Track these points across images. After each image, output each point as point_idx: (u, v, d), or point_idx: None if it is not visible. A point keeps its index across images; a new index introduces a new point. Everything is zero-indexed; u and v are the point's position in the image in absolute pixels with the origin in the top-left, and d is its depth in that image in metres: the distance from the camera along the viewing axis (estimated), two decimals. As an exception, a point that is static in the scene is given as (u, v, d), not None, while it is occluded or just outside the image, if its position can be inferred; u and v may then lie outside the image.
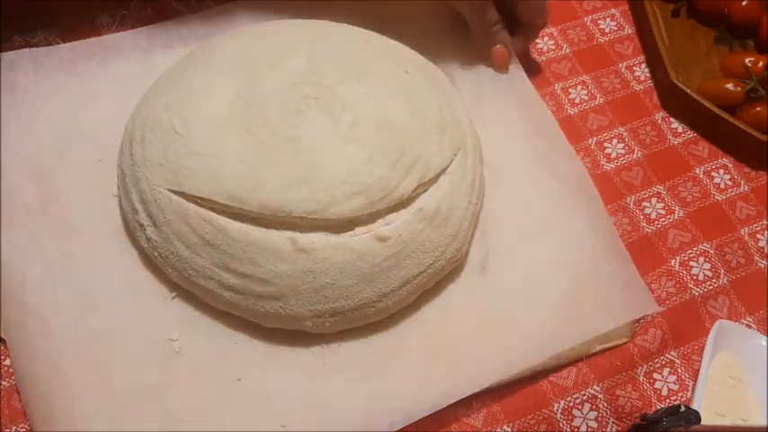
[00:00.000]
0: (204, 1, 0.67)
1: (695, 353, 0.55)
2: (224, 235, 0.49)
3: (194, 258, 0.50)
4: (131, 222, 0.53)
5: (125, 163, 0.54)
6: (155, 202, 0.51)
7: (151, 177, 0.51)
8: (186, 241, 0.50)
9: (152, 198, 0.51)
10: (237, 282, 0.49)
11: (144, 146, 0.53)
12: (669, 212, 0.61)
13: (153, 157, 0.52)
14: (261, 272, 0.49)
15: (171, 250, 0.51)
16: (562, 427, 0.52)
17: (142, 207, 0.52)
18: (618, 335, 0.54)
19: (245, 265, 0.49)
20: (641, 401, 0.53)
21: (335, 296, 0.49)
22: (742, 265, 0.59)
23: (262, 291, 0.49)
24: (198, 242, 0.50)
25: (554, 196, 0.58)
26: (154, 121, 0.53)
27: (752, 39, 0.72)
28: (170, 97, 0.54)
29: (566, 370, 0.53)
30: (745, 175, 0.64)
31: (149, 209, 0.51)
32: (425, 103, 0.56)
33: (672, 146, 0.65)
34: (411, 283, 0.51)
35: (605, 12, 0.73)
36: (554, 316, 0.53)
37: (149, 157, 0.52)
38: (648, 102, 0.68)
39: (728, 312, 0.57)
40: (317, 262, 0.49)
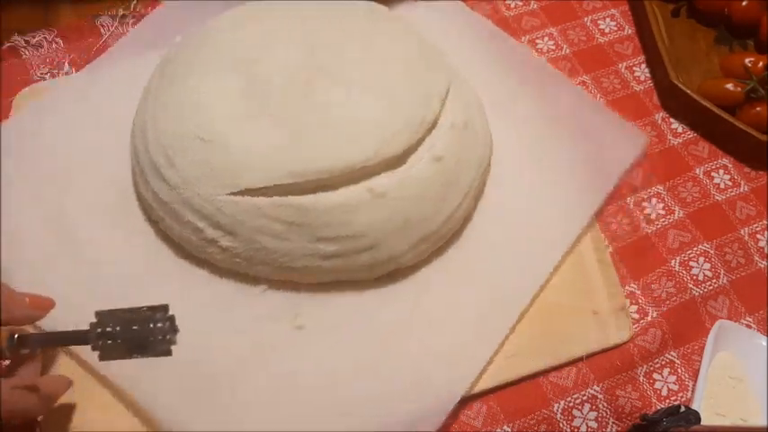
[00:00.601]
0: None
1: (695, 353, 0.55)
2: (305, 210, 0.50)
3: (284, 245, 0.51)
4: (195, 243, 0.53)
5: (160, 191, 0.53)
6: (219, 211, 0.51)
7: (202, 191, 0.51)
8: (270, 232, 0.51)
9: (214, 209, 0.51)
10: (334, 247, 0.51)
11: (175, 166, 0.52)
12: (669, 212, 0.61)
13: (192, 172, 0.51)
14: (352, 229, 0.51)
15: (255, 248, 0.51)
16: (562, 427, 0.52)
17: (206, 223, 0.51)
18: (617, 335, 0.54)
19: (337, 228, 0.51)
20: (641, 402, 0.53)
21: (420, 224, 0.53)
22: (742, 266, 0.60)
23: (358, 245, 0.52)
24: (283, 228, 0.51)
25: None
26: (174, 138, 0.52)
27: (752, 39, 0.72)
28: (178, 109, 0.53)
29: (566, 370, 0.53)
30: (745, 175, 0.64)
31: (216, 220, 0.51)
32: (413, 54, 0.58)
33: (672, 146, 0.65)
34: (469, 193, 0.56)
35: (605, 12, 0.73)
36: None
37: (189, 174, 0.51)
38: (648, 102, 0.68)
39: (728, 312, 0.57)
40: (395, 200, 0.52)
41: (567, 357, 0.53)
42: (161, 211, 0.53)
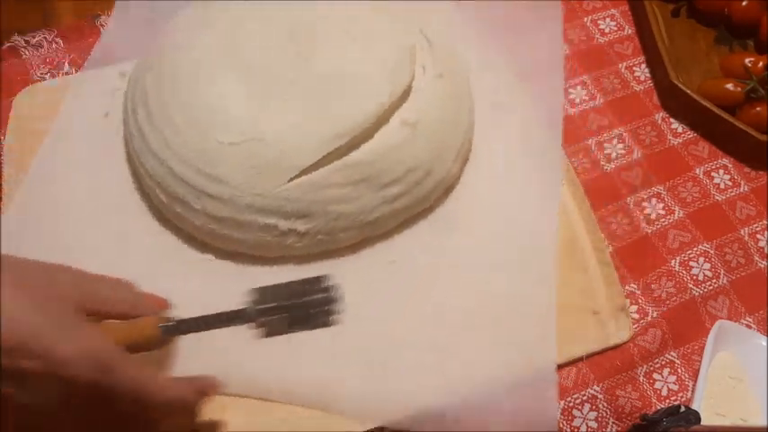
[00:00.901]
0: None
1: (695, 353, 0.55)
2: (364, 165, 0.53)
3: (356, 204, 0.53)
4: (271, 241, 0.53)
5: (213, 210, 0.52)
6: (287, 201, 0.52)
7: (261, 190, 0.51)
8: (341, 198, 0.52)
9: (281, 201, 0.52)
10: (397, 188, 0.54)
11: (222, 180, 0.52)
12: (669, 213, 0.61)
13: (242, 178, 0.51)
14: (407, 164, 0.54)
15: (333, 218, 0.53)
16: (562, 427, 0.52)
17: (276, 218, 0.52)
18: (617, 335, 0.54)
19: (395, 168, 0.54)
20: (641, 402, 0.53)
21: (450, 139, 0.58)
22: (742, 266, 0.60)
23: (417, 177, 0.55)
24: (351, 189, 0.52)
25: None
26: (205, 154, 0.52)
27: (752, 39, 0.72)
28: (192, 126, 0.53)
29: (566, 370, 0.53)
30: (745, 175, 0.64)
31: (285, 211, 0.52)
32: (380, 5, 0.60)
33: (672, 146, 0.65)
34: (467, 105, 0.60)
35: (605, 12, 0.73)
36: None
37: (239, 181, 0.51)
38: (648, 102, 0.68)
39: (728, 312, 0.57)
40: (425, 124, 0.55)
41: (567, 357, 0.53)
42: (221, 228, 0.53)
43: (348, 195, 0.53)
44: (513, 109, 0.64)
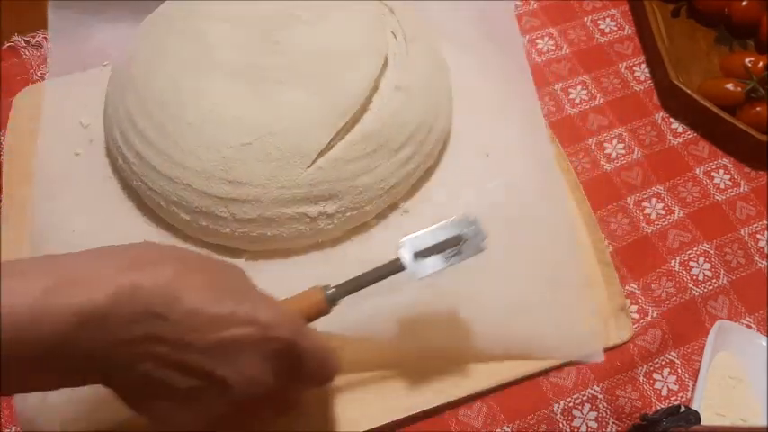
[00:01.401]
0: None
1: (695, 353, 0.55)
2: (374, 134, 0.54)
3: (377, 173, 0.54)
4: (305, 230, 0.53)
5: (246, 213, 0.52)
6: (311, 187, 0.52)
7: (285, 182, 0.51)
8: (362, 170, 0.53)
9: (306, 189, 0.52)
10: (410, 148, 0.55)
11: (245, 182, 0.51)
12: (669, 213, 0.61)
13: (264, 174, 0.51)
14: (412, 125, 0.56)
15: (359, 191, 0.53)
16: (562, 428, 0.52)
17: (305, 206, 0.52)
18: (617, 335, 0.54)
19: (404, 132, 0.55)
20: (641, 402, 0.53)
21: (444, 95, 0.60)
22: (742, 266, 0.60)
23: (423, 135, 0.56)
24: (369, 160, 0.53)
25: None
26: (221, 163, 0.51)
27: (752, 39, 0.72)
28: (197, 137, 0.52)
29: (566, 370, 0.53)
30: (745, 175, 0.64)
31: (313, 195, 0.52)
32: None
33: (672, 146, 0.65)
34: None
35: (605, 12, 0.73)
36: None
37: (263, 179, 0.51)
38: (648, 102, 0.68)
39: (728, 312, 0.57)
40: (418, 86, 0.57)
41: (567, 358, 0.53)
42: (253, 230, 0.53)
43: (367, 167, 0.53)
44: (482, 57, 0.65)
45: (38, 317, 0.32)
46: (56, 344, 0.33)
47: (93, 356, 0.34)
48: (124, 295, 0.34)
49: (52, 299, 0.33)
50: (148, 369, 0.35)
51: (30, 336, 0.32)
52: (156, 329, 0.34)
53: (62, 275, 0.34)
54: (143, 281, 0.34)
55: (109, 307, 0.33)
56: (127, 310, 0.34)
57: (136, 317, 0.34)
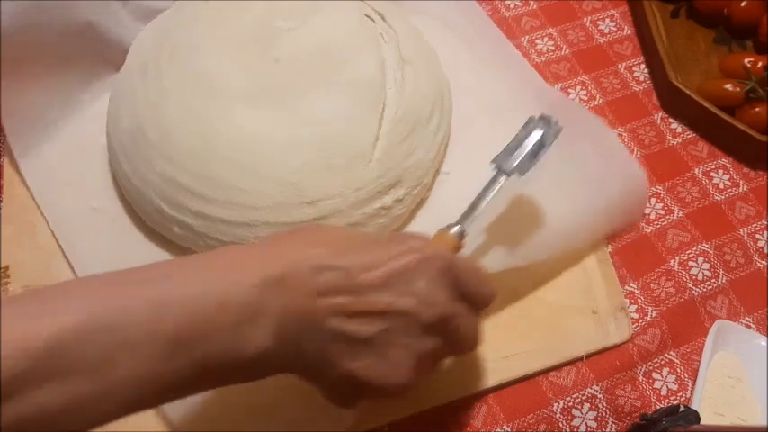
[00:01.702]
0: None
1: (694, 353, 0.55)
2: (408, 111, 0.56)
3: (421, 141, 0.57)
4: (385, 222, 0.55)
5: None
6: (379, 178, 0.53)
7: (359, 183, 0.53)
8: (410, 151, 0.56)
9: (375, 181, 0.53)
10: (437, 117, 0.59)
11: (318, 200, 0.52)
12: (668, 212, 0.62)
13: (333, 183, 0.52)
14: (433, 91, 0.59)
15: (415, 166, 0.56)
16: (562, 427, 0.52)
17: (380, 198, 0.54)
18: (617, 335, 0.55)
19: (426, 102, 0.58)
20: (641, 401, 0.53)
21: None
22: (741, 265, 0.60)
23: (443, 96, 0.61)
24: (411, 141, 0.56)
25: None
26: (301, 183, 0.51)
27: (751, 39, 0.72)
28: (251, 162, 0.52)
29: (565, 370, 0.53)
30: (744, 175, 0.64)
31: (386, 186, 0.53)
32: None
33: (671, 146, 0.65)
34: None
35: (604, 12, 0.73)
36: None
37: (336, 185, 0.52)
38: (648, 102, 0.68)
39: (727, 312, 0.58)
40: (419, 55, 0.61)
41: (566, 357, 0.54)
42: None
43: (412, 144, 0.55)
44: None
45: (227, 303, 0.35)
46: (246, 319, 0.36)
47: (283, 334, 0.36)
48: (295, 261, 0.37)
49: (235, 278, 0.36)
50: (334, 326, 0.37)
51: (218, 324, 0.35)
52: (328, 280, 0.37)
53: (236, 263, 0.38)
54: (307, 247, 0.39)
55: (284, 272, 0.37)
56: (300, 271, 0.37)
57: (310, 274, 0.37)
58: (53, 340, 0.31)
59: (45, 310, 0.32)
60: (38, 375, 0.31)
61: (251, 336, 0.36)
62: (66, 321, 0.32)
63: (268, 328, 0.36)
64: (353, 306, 0.38)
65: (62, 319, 0.32)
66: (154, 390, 0.34)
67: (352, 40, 0.58)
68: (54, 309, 0.32)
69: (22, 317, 0.32)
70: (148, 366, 0.33)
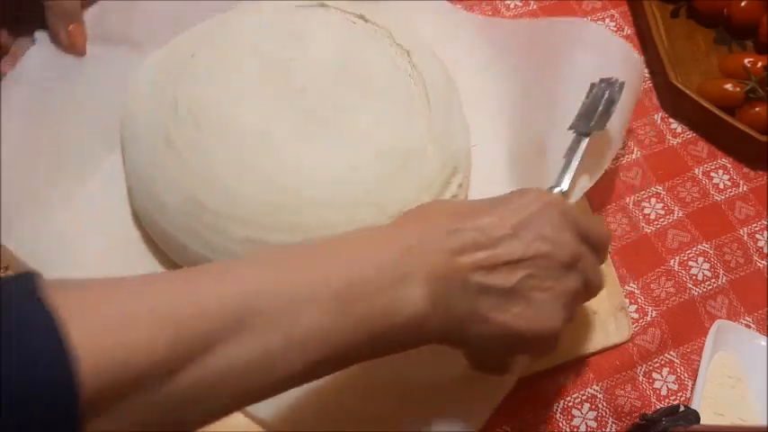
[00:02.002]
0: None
1: (694, 353, 0.55)
2: (440, 96, 0.58)
3: (460, 132, 0.58)
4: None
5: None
6: (452, 158, 0.55)
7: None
8: (455, 136, 0.58)
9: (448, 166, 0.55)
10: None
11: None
12: (668, 212, 0.61)
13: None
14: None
15: (464, 155, 0.57)
16: (562, 427, 0.52)
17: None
18: (617, 335, 0.55)
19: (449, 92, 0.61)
20: (640, 401, 0.53)
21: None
22: (741, 265, 0.60)
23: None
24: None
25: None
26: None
27: (751, 39, 0.72)
28: (314, 189, 0.51)
29: (565, 370, 0.53)
30: (744, 175, 0.64)
31: (447, 172, 0.55)
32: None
33: (671, 146, 0.65)
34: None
35: (604, 12, 0.73)
36: None
37: (410, 190, 0.52)
38: (648, 102, 0.68)
39: (727, 312, 0.58)
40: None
41: (566, 357, 0.54)
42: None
43: (451, 130, 0.57)
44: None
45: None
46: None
47: (433, 296, 0.38)
48: (429, 229, 0.40)
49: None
50: (478, 281, 0.39)
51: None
52: (464, 239, 0.39)
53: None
54: (436, 218, 0.41)
55: (422, 240, 0.39)
56: (437, 237, 0.39)
57: (446, 237, 0.39)
58: (240, 298, 0.33)
59: (224, 279, 0.35)
60: (231, 331, 0.33)
61: (406, 296, 0.37)
62: (249, 283, 0.35)
63: (419, 288, 0.38)
64: (492, 259, 0.39)
65: (247, 280, 0.35)
66: (330, 349, 0.36)
67: (358, 47, 0.57)
68: (230, 277, 0.35)
69: (207, 283, 0.34)
70: (325, 322, 0.35)
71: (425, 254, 0.39)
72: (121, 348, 0.30)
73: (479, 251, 0.39)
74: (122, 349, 0.30)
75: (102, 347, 0.29)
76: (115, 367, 0.29)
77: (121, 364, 0.30)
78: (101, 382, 0.29)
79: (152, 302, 0.32)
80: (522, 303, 0.40)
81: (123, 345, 0.30)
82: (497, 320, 0.40)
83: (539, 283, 0.40)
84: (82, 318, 0.29)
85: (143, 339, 0.30)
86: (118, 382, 0.29)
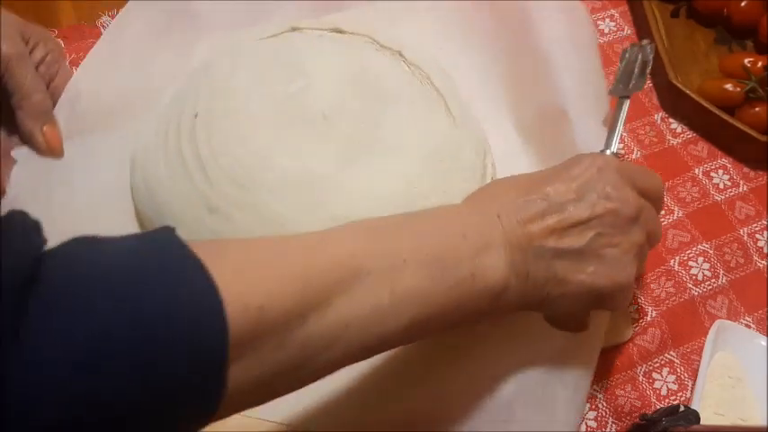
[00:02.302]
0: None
1: (694, 353, 0.55)
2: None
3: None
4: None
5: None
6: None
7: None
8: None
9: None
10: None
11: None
12: (668, 212, 0.61)
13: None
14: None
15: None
16: (562, 427, 0.52)
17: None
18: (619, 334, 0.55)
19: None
20: (640, 401, 0.53)
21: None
22: (741, 265, 0.60)
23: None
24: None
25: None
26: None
27: (751, 39, 0.72)
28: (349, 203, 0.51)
29: (565, 370, 0.53)
30: (744, 175, 0.64)
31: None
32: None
33: (671, 146, 0.65)
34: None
35: (604, 12, 0.73)
36: None
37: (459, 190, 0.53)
38: (648, 102, 0.68)
39: (727, 312, 0.58)
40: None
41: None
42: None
43: (468, 116, 0.58)
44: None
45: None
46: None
47: (513, 263, 0.41)
48: (499, 204, 0.43)
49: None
50: (552, 246, 0.42)
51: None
52: (533, 208, 0.42)
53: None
54: (503, 193, 0.44)
55: (495, 212, 0.42)
56: (507, 210, 0.42)
57: (516, 209, 0.42)
58: (349, 257, 0.36)
59: (331, 241, 0.38)
60: (346, 284, 0.35)
61: (490, 263, 0.40)
62: (353, 247, 0.37)
63: (501, 256, 0.41)
64: (562, 223, 0.42)
65: (349, 244, 0.37)
66: (429, 308, 0.38)
67: (356, 60, 0.56)
68: (334, 241, 0.38)
69: (318, 243, 0.38)
70: (423, 284, 0.38)
71: (502, 225, 0.41)
72: (260, 295, 0.32)
73: (548, 217, 0.42)
74: (261, 297, 0.32)
75: (242, 294, 0.32)
76: (255, 312, 0.31)
77: (260, 309, 0.32)
78: (243, 327, 0.31)
79: (282, 256, 0.36)
80: (596, 261, 0.42)
81: (262, 292, 0.32)
82: (575, 280, 0.42)
83: (608, 240, 0.42)
84: (223, 267, 0.31)
85: (276, 288, 0.33)
86: (257, 327, 0.32)
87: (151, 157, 0.54)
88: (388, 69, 0.56)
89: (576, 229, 0.42)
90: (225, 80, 0.55)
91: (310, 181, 0.50)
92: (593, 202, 0.43)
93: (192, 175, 0.51)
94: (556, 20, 0.62)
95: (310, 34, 0.59)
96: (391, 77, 0.56)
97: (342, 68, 0.56)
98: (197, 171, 0.51)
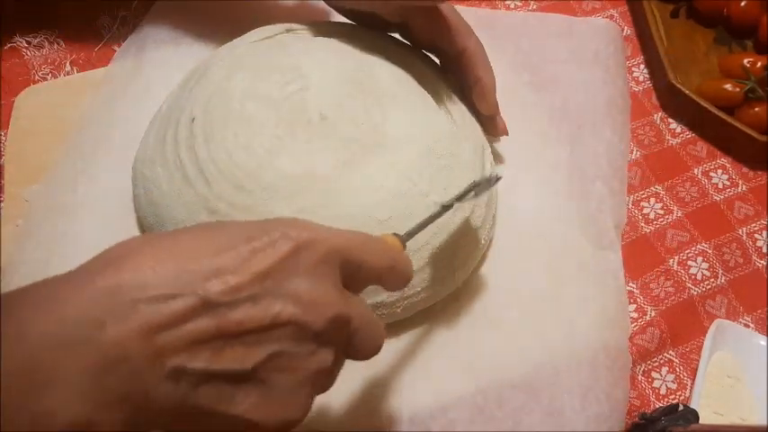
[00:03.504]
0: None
1: (693, 352, 0.55)
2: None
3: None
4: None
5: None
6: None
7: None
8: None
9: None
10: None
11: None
12: (667, 212, 0.62)
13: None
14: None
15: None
16: (561, 426, 0.52)
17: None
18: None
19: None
20: (639, 400, 0.53)
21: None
22: (740, 265, 0.60)
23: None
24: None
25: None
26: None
27: (751, 39, 0.72)
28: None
29: (564, 369, 0.53)
30: (744, 175, 0.64)
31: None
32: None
33: (670, 146, 0.66)
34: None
35: (604, 12, 0.73)
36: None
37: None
38: (647, 102, 0.68)
39: (726, 312, 0.58)
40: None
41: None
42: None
43: (464, 115, 0.58)
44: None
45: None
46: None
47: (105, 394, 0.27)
48: (112, 297, 0.29)
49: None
50: (200, 368, 0.29)
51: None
52: (173, 307, 0.28)
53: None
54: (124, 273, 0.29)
55: (98, 315, 0.28)
56: (107, 308, 0.28)
57: (140, 308, 0.28)
58: None
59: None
60: None
61: (53, 406, 0.26)
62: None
63: (76, 390, 0.26)
64: (224, 330, 0.28)
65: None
66: None
67: (350, 58, 0.56)
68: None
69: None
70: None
71: (102, 338, 0.26)
72: None
73: (200, 320, 0.28)
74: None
75: None
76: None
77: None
78: None
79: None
80: (259, 390, 0.30)
81: None
82: (227, 414, 0.29)
83: (286, 363, 0.30)
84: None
85: None
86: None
87: (149, 163, 0.55)
88: (385, 68, 0.56)
89: (245, 340, 0.29)
90: (221, 83, 0.55)
91: (310, 181, 0.50)
92: (269, 303, 0.29)
93: (191, 179, 0.51)
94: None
95: (305, 35, 0.59)
96: (388, 76, 0.56)
97: (338, 68, 0.55)
98: (195, 174, 0.51)
